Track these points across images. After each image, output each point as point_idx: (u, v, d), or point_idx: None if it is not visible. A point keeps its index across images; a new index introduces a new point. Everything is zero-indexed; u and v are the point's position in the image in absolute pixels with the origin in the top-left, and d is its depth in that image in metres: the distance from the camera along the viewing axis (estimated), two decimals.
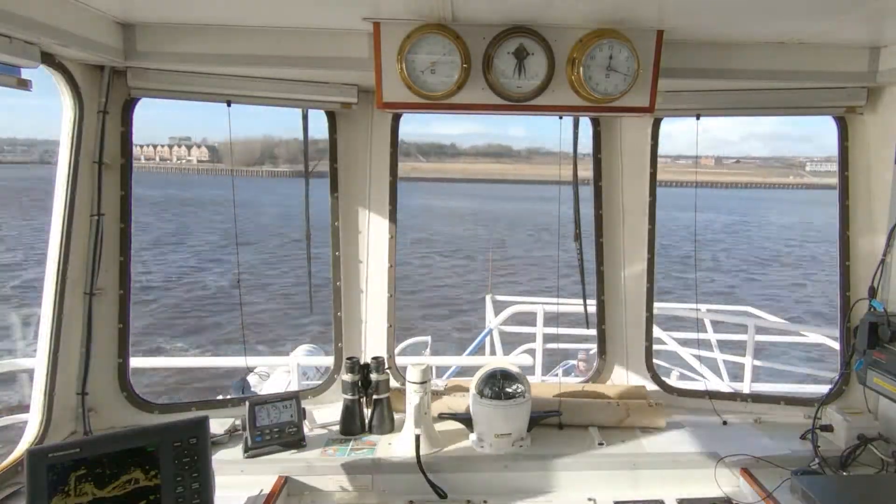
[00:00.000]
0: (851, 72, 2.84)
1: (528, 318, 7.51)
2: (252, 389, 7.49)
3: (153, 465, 2.07)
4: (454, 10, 2.31)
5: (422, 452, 2.65)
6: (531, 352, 7.15)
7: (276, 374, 8.05)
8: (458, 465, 2.72)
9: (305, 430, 2.90)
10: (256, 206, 54.01)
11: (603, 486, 2.70)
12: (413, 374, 2.75)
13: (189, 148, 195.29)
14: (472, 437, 2.86)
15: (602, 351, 3.41)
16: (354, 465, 2.70)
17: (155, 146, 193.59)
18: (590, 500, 2.63)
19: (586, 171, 3.33)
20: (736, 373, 7.05)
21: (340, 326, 3.33)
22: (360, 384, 3.02)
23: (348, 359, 3.03)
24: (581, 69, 2.45)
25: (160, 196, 66.63)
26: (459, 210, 62.83)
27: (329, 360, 3.54)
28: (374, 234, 3.28)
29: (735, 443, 2.85)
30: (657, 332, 6.66)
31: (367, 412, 3.04)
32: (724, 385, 6.27)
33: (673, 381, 6.15)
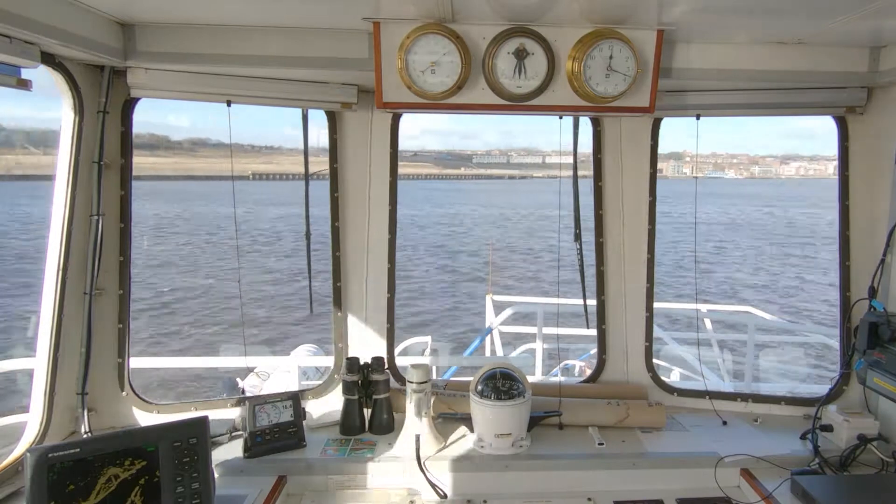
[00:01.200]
0: (851, 72, 2.84)
1: (528, 318, 7.51)
2: (249, 390, 7.48)
3: (152, 463, 2.07)
4: (454, 10, 2.31)
5: (422, 452, 2.65)
6: (531, 352, 7.15)
7: (276, 374, 8.05)
8: (458, 465, 2.72)
9: (305, 430, 2.90)
10: None
11: (603, 486, 2.70)
12: (413, 374, 2.76)
13: None
14: (472, 437, 2.86)
15: (602, 351, 3.41)
16: (354, 465, 2.70)
17: None
18: (590, 500, 2.63)
19: (586, 171, 3.34)
20: (736, 372, 7.06)
21: (340, 326, 3.33)
22: (360, 384, 3.02)
23: (348, 359, 3.03)
24: (581, 69, 2.45)
25: None
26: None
27: (329, 360, 3.54)
28: (373, 234, 3.28)
29: (735, 443, 2.85)
30: (657, 331, 6.66)
31: (367, 412, 3.05)
32: (724, 385, 6.27)
33: (673, 381, 6.15)
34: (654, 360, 3.51)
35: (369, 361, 3.06)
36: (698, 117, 3.11)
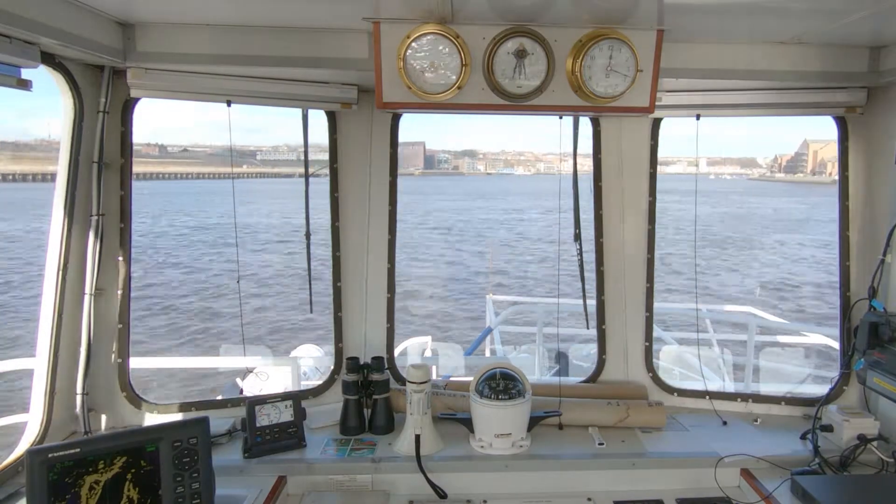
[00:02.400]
0: (851, 72, 2.84)
1: (529, 318, 7.51)
2: (249, 390, 7.48)
3: (152, 463, 2.07)
4: (454, 10, 2.31)
5: (422, 452, 2.65)
6: (531, 351, 7.16)
7: (275, 374, 8.04)
8: (458, 465, 2.72)
9: (305, 430, 2.90)
10: None
11: (603, 486, 2.71)
12: (413, 374, 2.76)
13: None
14: (472, 437, 2.86)
15: (602, 351, 3.41)
16: (354, 465, 2.70)
17: None
18: (590, 500, 2.63)
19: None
20: (736, 373, 7.06)
21: (340, 326, 3.33)
22: (360, 384, 3.02)
23: (348, 359, 3.03)
24: (581, 69, 2.45)
25: None
26: None
27: (329, 360, 3.54)
28: (373, 234, 3.28)
29: (735, 443, 2.85)
30: (658, 332, 6.65)
31: (367, 412, 3.05)
32: (724, 385, 6.27)
33: (673, 381, 6.15)
34: (655, 361, 3.51)
35: (369, 361, 3.06)
36: (698, 117, 3.12)
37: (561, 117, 2.83)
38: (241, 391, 7.40)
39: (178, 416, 3.05)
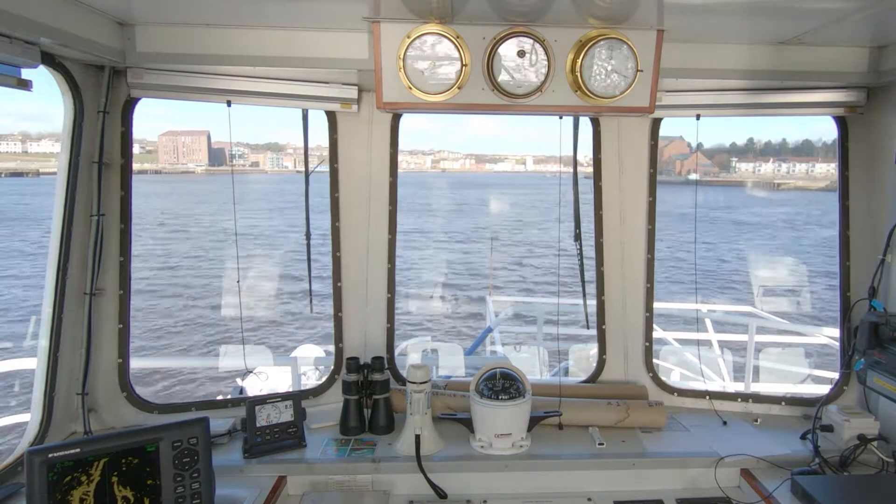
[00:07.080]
0: (851, 72, 2.84)
1: (529, 318, 7.50)
2: (249, 390, 7.47)
3: (152, 463, 2.07)
4: (454, 10, 2.32)
5: (422, 452, 2.65)
6: (531, 352, 7.16)
7: (275, 374, 8.04)
8: (458, 465, 2.72)
9: (305, 430, 2.90)
10: None
11: (603, 486, 2.71)
12: (413, 375, 2.76)
13: None
14: (473, 437, 2.86)
15: (602, 351, 3.41)
16: (354, 465, 2.70)
17: None
18: (590, 500, 2.63)
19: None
20: (737, 373, 7.06)
21: (340, 326, 3.33)
22: (360, 384, 3.02)
23: (349, 359, 3.03)
24: (581, 69, 2.45)
25: None
26: None
27: (329, 360, 3.54)
28: (374, 235, 3.28)
29: (735, 443, 2.85)
30: (658, 331, 6.65)
31: (367, 412, 3.05)
32: (724, 385, 6.27)
33: (673, 381, 6.15)
34: (655, 361, 3.51)
35: (369, 361, 3.06)
36: (698, 117, 3.12)
37: (561, 117, 2.83)
38: (242, 391, 7.40)
39: (178, 416, 3.05)
